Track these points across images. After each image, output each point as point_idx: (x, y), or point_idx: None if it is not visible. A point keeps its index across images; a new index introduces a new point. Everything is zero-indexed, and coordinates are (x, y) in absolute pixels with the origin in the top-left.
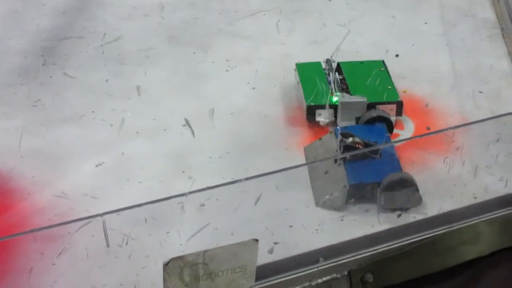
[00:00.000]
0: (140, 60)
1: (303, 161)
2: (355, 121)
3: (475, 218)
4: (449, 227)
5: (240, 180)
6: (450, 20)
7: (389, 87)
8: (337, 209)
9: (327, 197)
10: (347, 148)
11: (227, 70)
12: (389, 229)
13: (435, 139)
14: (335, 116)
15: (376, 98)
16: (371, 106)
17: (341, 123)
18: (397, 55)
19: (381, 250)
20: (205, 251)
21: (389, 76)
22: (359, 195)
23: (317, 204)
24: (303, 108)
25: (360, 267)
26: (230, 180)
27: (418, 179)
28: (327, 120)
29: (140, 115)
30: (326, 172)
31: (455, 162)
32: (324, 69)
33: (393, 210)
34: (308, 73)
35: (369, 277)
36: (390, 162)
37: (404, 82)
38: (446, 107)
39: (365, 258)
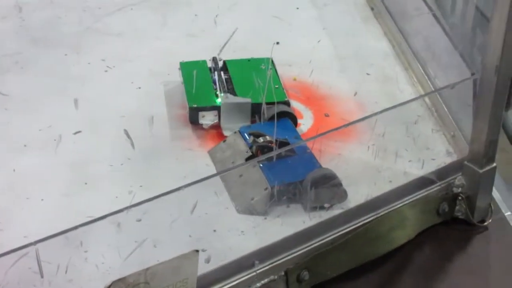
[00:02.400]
0: (8, 66)
1: (210, 161)
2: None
3: (398, 202)
4: (375, 214)
5: (166, 193)
6: (320, 4)
7: (276, 86)
8: (260, 213)
9: (250, 202)
10: (260, 148)
11: (106, 71)
12: (320, 223)
13: (350, 128)
14: (220, 118)
15: (262, 99)
16: (256, 107)
17: (224, 125)
18: (277, 43)
19: (314, 245)
20: (147, 269)
21: (277, 74)
22: (281, 195)
23: (238, 211)
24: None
25: (295, 265)
26: (139, 188)
27: (339, 171)
28: (210, 123)
29: (24, 127)
30: (240, 176)
31: (376, 149)
32: (210, 68)
33: (321, 207)
34: (192, 72)
35: (305, 275)
36: (306, 158)
37: (292, 70)
38: (339, 92)
39: (299, 256)
